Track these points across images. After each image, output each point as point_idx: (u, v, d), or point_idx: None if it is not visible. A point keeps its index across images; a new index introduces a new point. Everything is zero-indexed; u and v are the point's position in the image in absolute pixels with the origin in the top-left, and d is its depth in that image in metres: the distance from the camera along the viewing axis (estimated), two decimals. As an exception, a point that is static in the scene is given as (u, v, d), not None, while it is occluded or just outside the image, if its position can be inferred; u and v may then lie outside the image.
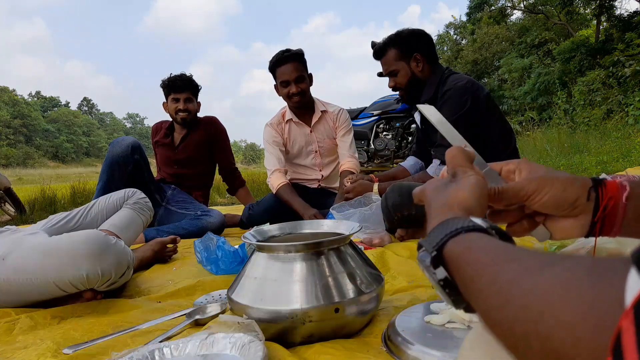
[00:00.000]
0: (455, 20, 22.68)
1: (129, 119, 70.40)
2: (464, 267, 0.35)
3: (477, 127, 1.69)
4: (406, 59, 1.80)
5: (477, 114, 1.67)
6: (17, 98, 47.15)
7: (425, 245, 0.41)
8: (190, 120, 2.53)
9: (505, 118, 1.80)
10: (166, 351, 0.75)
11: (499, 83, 16.70)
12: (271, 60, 2.24)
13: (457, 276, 0.37)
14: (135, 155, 2.27)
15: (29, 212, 4.01)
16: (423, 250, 0.41)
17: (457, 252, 0.37)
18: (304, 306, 0.75)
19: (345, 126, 2.39)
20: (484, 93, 1.71)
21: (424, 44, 1.81)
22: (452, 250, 0.38)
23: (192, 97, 2.53)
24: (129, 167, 2.24)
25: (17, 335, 0.94)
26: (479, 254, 0.34)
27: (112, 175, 2.20)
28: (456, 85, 1.68)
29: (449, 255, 0.38)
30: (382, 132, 4.76)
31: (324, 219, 1.98)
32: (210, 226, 2.24)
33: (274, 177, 2.29)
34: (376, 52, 1.87)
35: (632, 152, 4.97)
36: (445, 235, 0.39)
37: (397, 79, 1.83)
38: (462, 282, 0.36)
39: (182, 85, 2.48)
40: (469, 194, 0.45)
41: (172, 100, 2.51)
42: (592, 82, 9.83)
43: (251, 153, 63.49)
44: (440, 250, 0.39)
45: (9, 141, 41.78)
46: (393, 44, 1.81)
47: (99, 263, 1.04)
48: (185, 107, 2.49)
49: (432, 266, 0.39)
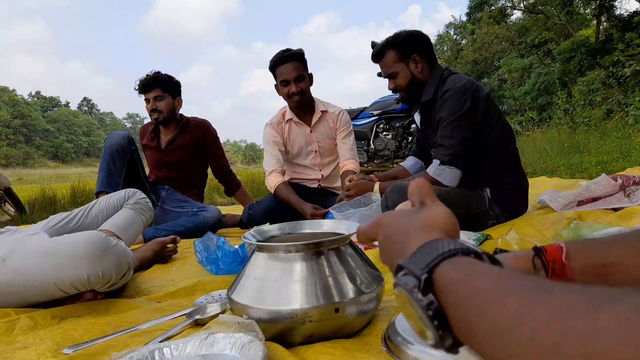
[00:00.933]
0: (455, 20, 22.70)
1: (129, 119, 70.40)
2: (467, 296, 0.29)
3: (476, 127, 1.69)
4: (405, 61, 1.80)
5: (476, 113, 1.67)
6: (17, 98, 47.16)
7: (409, 266, 0.34)
8: (164, 119, 2.42)
9: (505, 118, 1.80)
10: (166, 351, 0.75)
11: (499, 83, 16.71)
12: (271, 60, 2.24)
13: (452, 307, 0.31)
14: (131, 146, 2.28)
15: (29, 212, 4.01)
16: (405, 274, 0.34)
17: (455, 277, 0.31)
18: (304, 306, 0.75)
19: (346, 128, 2.39)
20: (484, 93, 1.71)
21: (422, 45, 1.81)
22: (447, 275, 0.32)
23: (163, 94, 2.40)
24: (128, 156, 2.24)
25: (17, 335, 0.94)
26: (489, 281, 0.28)
27: (114, 164, 2.19)
28: (456, 85, 1.68)
29: (442, 280, 0.32)
30: (382, 132, 4.76)
31: (322, 212, 2.02)
32: (208, 221, 2.24)
33: (271, 177, 2.30)
34: (375, 55, 1.87)
35: (632, 152, 4.96)
36: (437, 256, 0.33)
37: (397, 81, 1.83)
38: (460, 315, 0.30)
39: (147, 84, 2.38)
40: (447, 218, 0.41)
41: (145, 101, 2.42)
42: (592, 82, 9.83)
43: (251, 153, 63.51)
44: (431, 273, 0.33)
45: (9, 141, 41.79)
46: (391, 45, 1.81)
47: (99, 264, 1.04)
48: (155, 106, 2.38)
49: (420, 292, 0.32)
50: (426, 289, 0.32)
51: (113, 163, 2.20)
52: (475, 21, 18.00)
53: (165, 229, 2.16)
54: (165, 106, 2.41)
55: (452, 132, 1.65)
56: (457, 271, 0.31)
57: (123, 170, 2.21)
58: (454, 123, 1.66)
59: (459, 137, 1.65)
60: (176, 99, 2.48)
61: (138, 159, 2.34)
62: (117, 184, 2.16)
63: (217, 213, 2.33)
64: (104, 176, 2.18)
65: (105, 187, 2.13)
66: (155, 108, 2.39)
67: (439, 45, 23.49)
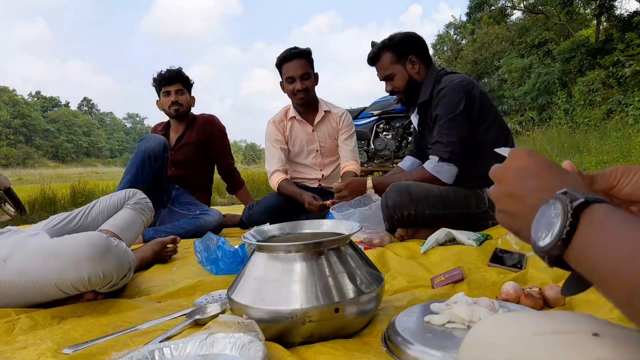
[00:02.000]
0: (455, 20, 22.69)
1: (129, 119, 70.41)
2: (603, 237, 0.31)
3: (473, 126, 1.69)
4: (402, 62, 1.81)
5: (472, 112, 1.68)
6: (17, 98, 47.15)
7: (572, 192, 0.36)
8: (183, 113, 2.50)
9: (501, 117, 1.80)
10: (166, 351, 0.75)
11: (499, 83, 16.71)
12: (278, 57, 2.25)
13: (587, 243, 0.33)
14: (165, 153, 2.28)
15: (29, 212, 4.01)
16: (564, 193, 0.36)
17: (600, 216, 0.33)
18: (304, 306, 0.75)
19: (348, 129, 2.40)
20: (479, 91, 1.71)
21: (418, 46, 1.82)
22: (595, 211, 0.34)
23: (184, 89, 2.50)
24: (159, 162, 2.24)
25: (17, 335, 0.94)
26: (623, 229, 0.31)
27: (143, 168, 2.18)
28: (451, 83, 1.68)
29: (588, 217, 0.34)
30: (382, 132, 4.76)
31: (320, 203, 2.03)
32: (208, 225, 2.23)
33: (274, 177, 2.32)
34: (371, 58, 1.88)
35: (632, 152, 4.97)
36: (587, 198, 0.35)
37: (394, 83, 1.84)
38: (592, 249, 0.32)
39: (171, 77, 2.46)
40: (575, 180, 0.41)
41: (164, 94, 2.48)
42: (592, 82, 9.84)
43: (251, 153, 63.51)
44: (586, 203, 0.34)
45: (9, 141, 41.79)
46: (387, 48, 1.82)
47: (100, 265, 1.04)
48: (177, 98, 2.46)
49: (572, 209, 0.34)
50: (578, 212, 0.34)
51: (142, 167, 2.18)
52: (475, 21, 18.00)
53: (165, 230, 2.16)
54: (185, 100, 2.51)
55: (449, 130, 1.66)
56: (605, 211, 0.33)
57: (150, 176, 2.20)
58: (452, 121, 1.66)
59: (457, 135, 1.66)
60: (191, 97, 2.58)
61: (167, 163, 2.34)
62: (140, 189, 2.15)
63: (218, 217, 2.33)
64: (130, 179, 2.15)
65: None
66: (177, 100, 2.47)
67: (439, 45, 23.49)
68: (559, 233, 0.35)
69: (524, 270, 1.14)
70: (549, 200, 0.37)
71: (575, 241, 0.34)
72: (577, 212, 0.34)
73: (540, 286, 0.95)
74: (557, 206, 0.36)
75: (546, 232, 0.36)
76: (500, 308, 0.81)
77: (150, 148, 2.21)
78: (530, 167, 0.42)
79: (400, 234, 1.70)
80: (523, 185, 0.41)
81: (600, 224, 0.33)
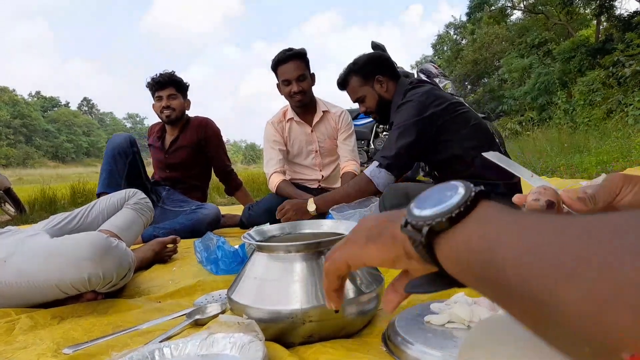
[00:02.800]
0: (455, 20, 22.69)
1: (129, 119, 70.38)
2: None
3: (434, 136, 1.69)
4: (369, 83, 1.85)
5: (430, 125, 1.68)
6: (17, 98, 47.13)
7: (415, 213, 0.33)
8: (175, 118, 2.48)
9: (483, 123, 1.78)
10: (166, 351, 0.75)
11: (499, 83, 16.72)
12: (274, 59, 2.24)
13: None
14: (133, 147, 2.31)
15: (29, 212, 4.01)
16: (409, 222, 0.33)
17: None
18: (304, 306, 0.75)
19: (347, 129, 2.40)
20: (443, 106, 1.70)
21: (382, 66, 1.86)
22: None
23: (177, 94, 2.47)
24: (129, 157, 2.27)
25: (17, 335, 0.94)
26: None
27: (115, 165, 2.22)
28: (413, 97, 1.72)
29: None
30: (382, 132, 4.75)
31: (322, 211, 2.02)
32: (205, 219, 2.25)
33: (272, 178, 2.31)
34: (340, 83, 1.93)
35: (632, 152, 4.97)
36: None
37: (366, 104, 1.88)
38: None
39: (163, 82, 2.43)
40: None
41: (156, 99, 2.47)
42: (592, 82, 9.84)
43: (251, 153, 63.49)
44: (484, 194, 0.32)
45: (9, 141, 41.78)
46: (353, 72, 1.86)
47: (100, 265, 1.04)
48: (169, 103, 2.43)
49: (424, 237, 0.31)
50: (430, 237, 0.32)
51: (115, 164, 2.22)
52: (475, 21, 18.02)
53: (163, 227, 2.17)
54: (178, 105, 2.48)
55: (396, 139, 1.69)
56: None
57: (125, 171, 2.23)
58: (400, 130, 1.69)
59: (401, 145, 1.67)
60: (186, 100, 2.56)
61: (140, 160, 2.37)
62: (118, 185, 2.17)
63: (214, 210, 2.34)
64: (106, 177, 2.19)
65: (107, 188, 2.14)
66: (169, 106, 2.45)
67: (439, 45, 23.49)
68: (450, 209, 0.31)
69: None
70: (449, 184, 0.34)
71: (464, 223, 0.30)
72: (476, 200, 0.31)
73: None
74: (458, 189, 0.32)
75: (431, 205, 0.32)
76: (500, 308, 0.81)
77: (117, 144, 2.26)
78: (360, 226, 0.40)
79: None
80: (358, 231, 0.39)
81: (497, 216, 0.30)
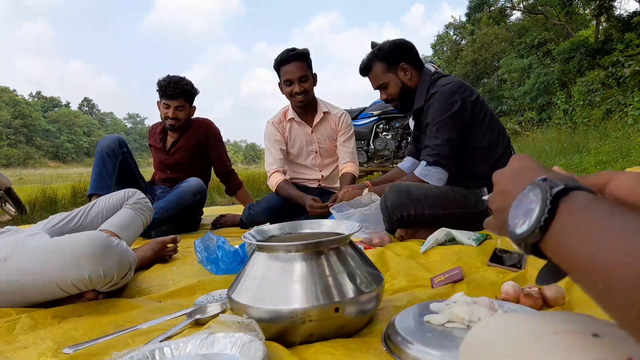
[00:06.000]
0: (455, 20, 22.67)
1: (130, 119, 70.36)
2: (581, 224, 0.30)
3: (466, 128, 1.70)
4: (393, 70, 1.82)
5: (464, 115, 1.68)
6: (18, 98, 47.14)
7: (551, 180, 0.35)
8: (179, 127, 2.50)
9: (497, 119, 1.80)
10: (166, 351, 0.75)
11: (499, 83, 16.70)
12: (276, 59, 2.24)
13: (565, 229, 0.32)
14: (122, 148, 2.33)
15: (29, 212, 4.01)
16: (544, 181, 0.35)
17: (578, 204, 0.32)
18: (304, 306, 0.75)
19: (347, 131, 2.40)
20: (472, 95, 1.71)
21: (408, 53, 1.83)
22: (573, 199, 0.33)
23: (185, 104, 2.48)
24: (119, 158, 2.29)
25: (17, 335, 0.94)
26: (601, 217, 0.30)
27: (105, 166, 2.23)
28: (443, 88, 1.70)
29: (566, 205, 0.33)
30: (382, 132, 4.75)
31: (321, 205, 2.03)
32: (190, 190, 2.30)
33: (272, 177, 2.32)
34: (362, 70, 1.89)
35: (631, 152, 4.97)
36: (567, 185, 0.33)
37: (388, 91, 1.85)
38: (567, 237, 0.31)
39: (174, 94, 2.42)
40: (561, 175, 0.41)
41: (163, 105, 2.47)
42: (591, 82, 9.84)
43: (251, 153, 63.50)
44: (565, 191, 0.33)
45: (9, 141, 41.78)
46: (377, 58, 1.83)
47: (101, 264, 1.04)
48: (175, 115, 2.45)
49: (551, 196, 0.33)
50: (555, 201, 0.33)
51: (104, 166, 2.23)
52: (474, 21, 18.00)
53: None
54: (184, 116, 2.49)
55: (437, 133, 1.68)
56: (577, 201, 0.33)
57: (115, 172, 2.25)
58: (439, 124, 1.68)
59: (443, 137, 1.67)
60: (192, 107, 2.57)
61: (131, 160, 2.38)
62: (108, 186, 2.19)
63: (197, 181, 2.36)
64: (96, 179, 2.20)
65: (97, 190, 2.15)
66: (176, 116, 2.46)
67: (439, 45, 23.48)
68: (536, 220, 0.33)
69: (523, 270, 1.14)
70: (528, 186, 0.36)
71: (553, 229, 0.33)
72: (557, 199, 0.33)
73: (540, 286, 0.95)
74: (536, 192, 0.35)
75: (523, 219, 0.35)
76: (499, 308, 0.81)
77: (106, 145, 2.28)
78: (523, 167, 0.42)
79: (400, 234, 1.70)
80: (513, 182, 0.41)
81: (579, 212, 0.32)
